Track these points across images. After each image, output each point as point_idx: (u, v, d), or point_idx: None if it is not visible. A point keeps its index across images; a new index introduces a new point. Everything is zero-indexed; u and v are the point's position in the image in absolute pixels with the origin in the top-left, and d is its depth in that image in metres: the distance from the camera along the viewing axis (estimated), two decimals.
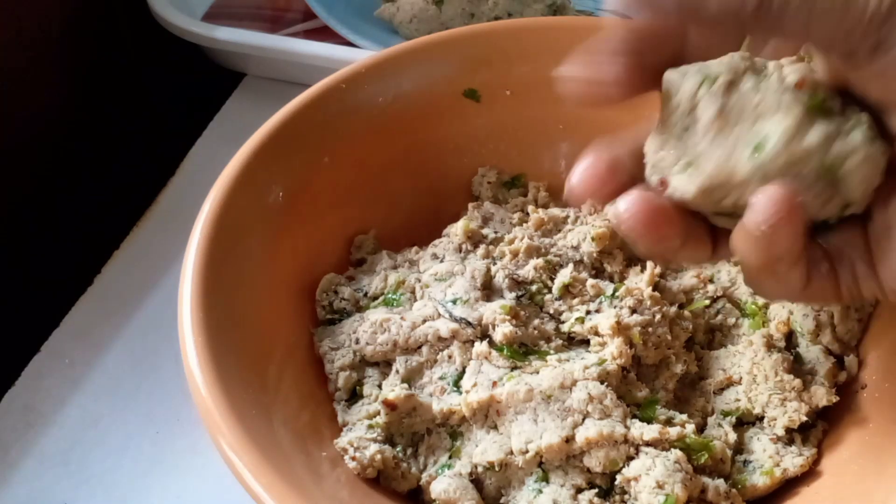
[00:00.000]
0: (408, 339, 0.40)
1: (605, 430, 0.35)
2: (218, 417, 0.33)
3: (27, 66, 0.58)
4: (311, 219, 0.44)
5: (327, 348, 0.41)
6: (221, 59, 0.66)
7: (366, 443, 0.37)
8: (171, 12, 0.63)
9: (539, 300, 0.41)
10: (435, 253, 0.44)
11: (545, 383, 0.37)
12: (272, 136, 0.43)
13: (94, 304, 0.52)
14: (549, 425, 0.36)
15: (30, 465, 0.45)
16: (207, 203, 0.40)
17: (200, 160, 0.60)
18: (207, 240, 0.39)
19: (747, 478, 0.37)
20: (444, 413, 0.38)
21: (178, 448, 0.46)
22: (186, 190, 0.58)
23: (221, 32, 0.62)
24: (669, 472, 0.35)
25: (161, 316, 0.51)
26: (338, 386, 0.40)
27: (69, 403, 0.48)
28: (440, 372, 0.39)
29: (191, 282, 0.37)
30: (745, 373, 0.39)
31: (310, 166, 0.44)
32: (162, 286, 0.53)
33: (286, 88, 0.49)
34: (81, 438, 0.46)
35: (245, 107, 0.64)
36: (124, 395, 0.48)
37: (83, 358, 0.50)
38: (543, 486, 0.36)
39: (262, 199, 0.42)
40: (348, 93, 0.46)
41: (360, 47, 0.62)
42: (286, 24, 0.68)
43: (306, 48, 0.61)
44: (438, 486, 0.36)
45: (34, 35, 0.58)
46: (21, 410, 0.48)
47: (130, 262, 0.54)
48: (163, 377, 0.48)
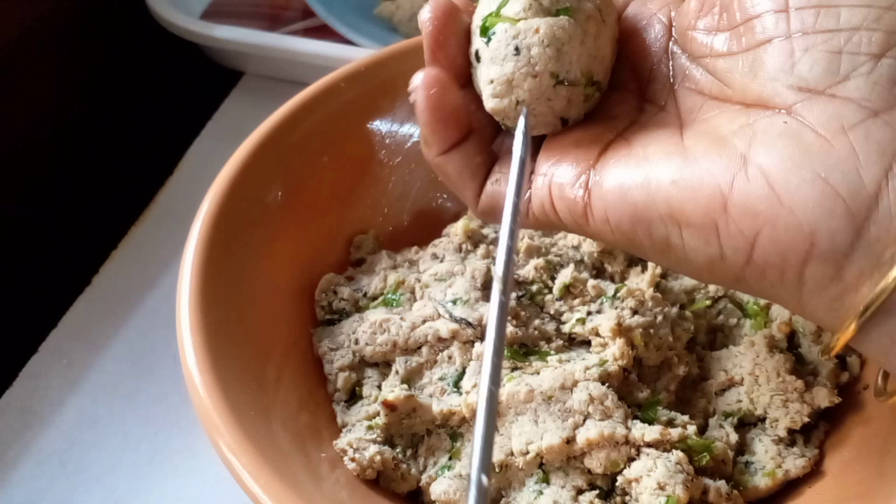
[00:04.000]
0: (407, 339, 0.40)
1: (606, 431, 0.35)
2: (216, 418, 0.33)
3: (25, 65, 0.58)
4: (310, 218, 0.44)
5: (326, 349, 0.41)
6: (220, 58, 0.65)
7: (365, 444, 0.37)
8: (170, 11, 0.63)
9: (539, 300, 0.41)
10: (435, 253, 0.44)
11: (546, 384, 0.36)
12: (271, 135, 0.43)
13: (93, 305, 0.52)
14: (549, 426, 0.36)
15: (28, 466, 0.45)
16: (206, 202, 0.40)
17: (199, 159, 0.60)
18: (206, 239, 0.38)
19: (749, 479, 0.37)
20: (444, 414, 0.38)
21: (177, 449, 0.45)
22: (185, 189, 0.58)
23: (220, 31, 0.61)
24: (671, 474, 0.34)
25: (159, 316, 0.51)
26: (337, 387, 0.40)
27: (67, 404, 0.48)
28: (440, 373, 0.39)
29: (189, 282, 0.37)
30: (747, 374, 0.39)
31: (309, 165, 0.44)
32: (160, 286, 0.53)
33: (285, 87, 0.49)
34: (79, 439, 0.46)
35: (244, 105, 0.64)
36: (122, 395, 0.48)
37: (81, 358, 0.50)
38: (544, 487, 0.36)
39: (260, 198, 0.42)
40: (348, 91, 0.46)
41: (359, 46, 0.61)
42: (285, 22, 0.68)
43: (305, 47, 0.60)
44: (438, 488, 0.36)
45: (32, 34, 0.58)
46: (19, 411, 0.47)
47: (128, 261, 0.54)
48: (161, 377, 0.48)
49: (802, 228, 0.25)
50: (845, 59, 0.25)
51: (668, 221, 0.27)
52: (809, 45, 0.26)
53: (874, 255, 0.24)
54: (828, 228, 0.25)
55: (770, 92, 0.27)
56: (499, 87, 0.31)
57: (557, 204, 0.30)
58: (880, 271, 0.24)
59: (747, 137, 0.26)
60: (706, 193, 0.26)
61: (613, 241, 0.30)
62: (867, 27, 0.25)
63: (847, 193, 0.24)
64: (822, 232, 0.25)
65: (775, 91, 0.26)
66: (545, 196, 0.30)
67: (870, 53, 0.25)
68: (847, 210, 0.24)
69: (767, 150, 0.26)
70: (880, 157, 0.24)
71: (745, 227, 0.26)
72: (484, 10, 0.32)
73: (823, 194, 0.24)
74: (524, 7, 0.31)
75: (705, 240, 0.27)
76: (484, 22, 0.31)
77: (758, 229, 0.25)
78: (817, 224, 0.25)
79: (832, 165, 0.25)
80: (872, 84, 0.25)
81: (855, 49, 0.25)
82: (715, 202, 0.26)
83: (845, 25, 0.26)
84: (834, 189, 0.24)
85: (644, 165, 0.28)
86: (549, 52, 0.30)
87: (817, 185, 0.25)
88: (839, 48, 0.25)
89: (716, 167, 0.26)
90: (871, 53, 0.25)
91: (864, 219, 0.24)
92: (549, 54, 0.30)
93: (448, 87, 0.32)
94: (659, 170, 0.28)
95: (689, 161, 0.27)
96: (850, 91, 0.25)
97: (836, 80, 0.25)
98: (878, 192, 0.24)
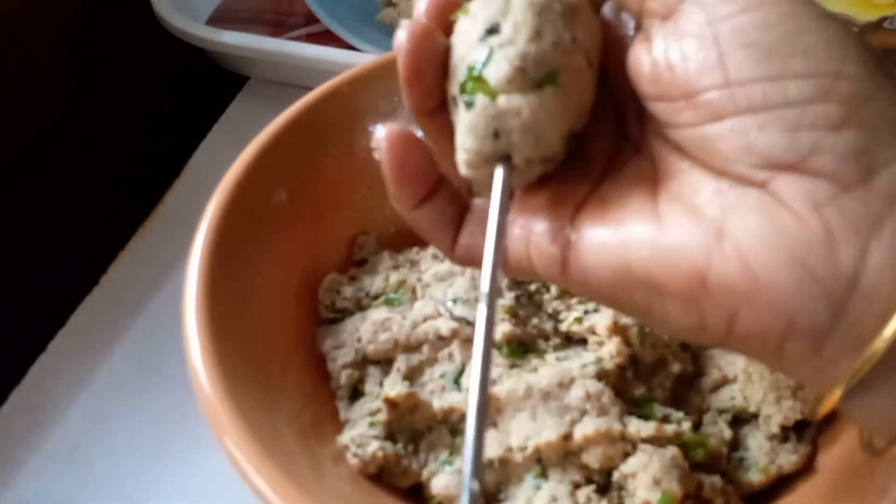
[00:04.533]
0: (409, 337, 0.40)
1: (603, 427, 0.36)
2: (222, 415, 0.34)
3: (31, 70, 0.59)
4: (313, 220, 0.45)
5: (329, 347, 0.41)
6: (225, 63, 0.66)
7: (367, 440, 0.38)
8: (176, 16, 0.63)
9: (538, 300, 0.42)
10: (435, 253, 0.45)
11: (544, 381, 0.37)
12: (275, 139, 0.43)
13: (100, 304, 0.53)
14: (547, 423, 0.36)
15: (36, 464, 0.46)
16: (212, 204, 0.40)
17: (205, 162, 0.60)
18: (212, 241, 0.39)
19: (743, 474, 0.37)
20: (445, 411, 0.38)
21: (183, 445, 0.46)
22: (191, 192, 0.58)
23: (225, 36, 0.62)
24: (666, 469, 0.35)
25: (166, 315, 0.51)
26: (340, 384, 0.41)
27: (75, 402, 0.48)
28: (441, 370, 0.40)
29: (195, 282, 0.38)
30: (741, 371, 0.40)
31: (312, 168, 0.45)
32: (167, 286, 0.53)
33: (289, 91, 0.49)
34: (87, 437, 0.47)
35: (249, 110, 0.64)
36: (130, 393, 0.48)
37: (89, 357, 0.50)
38: (542, 482, 0.36)
39: (265, 200, 0.43)
40: (350, 96, 0.46)
41: (362, 51, 0.62)
42: (289, 28, 0.68)
43: (309, 52, 0.61)
44: (439, 483, 0.37)
45: (38, 39, 0.59)
46: (27, 409, 0.48)
47: (136, 262, 0.55)
48: (168, 376, 0.49)
49: (781, 310, 0.24)
50: (805, 135, 0.24)
51: (649, 290, 0.27)
52: (763, 123, 0.25)
53: (853, 334, 0.24)
54: (806, 311, 0.24)
55: (734, 171, 0.25)
56: (474, 159, 0.29)
57: (535, 260, 0.29)
58: (860, 347, 0.24)
59: (721, 207, 0.25)
60: (684, 269, 0.25)
61: (594, 298, 0.29)
62: (820, 100, 0.24)
63: (825, 275, 0.24)
64: (800, 314, 0.24)
65: (739, 171, 0.25)
66: (521, 251, 0.29)
67: (829, 126, 0.24)
68: (826, 292, 0.24)
69: (743, 225, 0.25)
70: (856, 235, 0.24)
71: (724, 303, 0.25)
72: (462, 47, 0.29)
73: (801, 277, 0.24)
74: (507, 77, 0.27)
75: (686, 310, 0.26)
76: (464, 83, 0.28)
77: (737, 307, 0.25)
78: (796, 306, 0.24)
79: (809, 247, 0.24)
80: (839, 158, 0.24)
81: (813, 124, 0.24)
82: (693, 278, 0.25)
83: (797, 99, 0.24)
84: (812, 272, 0.24)
85: (620, 231, 0.27)
86: (530, 140, 0.28)
87: (794, 269, 0.24)
88: (796, 124, 0.24)
89: (692, 241, 0.25)
90: (831, 126, 0.24)
91: (844, 300, 0.24)
92: (529, 142, 0.28)
93: (413, 145, 0.30)
94: (635, 240, 0.27)
95: (664, 232, 0.26)
96: (818, 165, 0.24)
97: (800, 156, 0.24)
98: (856, 272, 0.24)
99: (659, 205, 0.27)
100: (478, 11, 0.29)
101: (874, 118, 0.24)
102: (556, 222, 0.29)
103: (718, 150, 0.26)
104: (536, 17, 0.28)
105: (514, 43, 0.28)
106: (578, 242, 0.28)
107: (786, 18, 0.25)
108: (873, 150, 0.24)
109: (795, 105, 0.24)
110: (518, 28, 0.28)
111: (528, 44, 0.28)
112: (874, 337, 0.24)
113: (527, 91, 0.28)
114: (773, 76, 0.25)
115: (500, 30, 0.28)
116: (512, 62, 0.27)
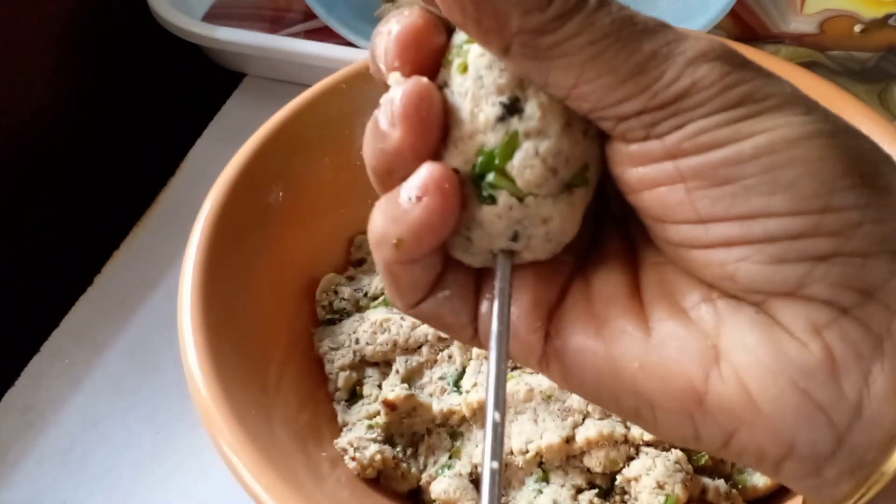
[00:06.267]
0: (408, 339, 0.40)
1: (606, 430, 0.35)
2: (218, 418, 0.33)
3: (27, 66, 0.58)
4: (311, 219, 0.44)
5: (327, 348, 0.41)
6: (222, 60, 0.66)
7: (366, 443, 0.38)
8: (172, 13, 0.63)
9: None
10: None
11: (545, 383, 0.37)
12: (272, 136, 0.43)
13: (94, 304, 0.52)
14: (549, 425, 0.36)
15: (30, 465, 0.45)
16: (208, 203, 0.40)
17: (201, 160, 0.60)
18: (207, 240, 0.39)
19: (748, 478, 0.37)
20: (444, 413, 0.38)
21: (179, 448, 0.46)
22: (187, 190, 0.58)
23: (222, 33, 0.62)
24: (670, 473, 0.35)
25: (161, 316, 0.51)
26: (338, 386, 0.40)
27: (69, 403, 0.48)
28: (440, 372, 0.39)
29: (191, 282, 0.37)
30: None
31: (310, 166, 0.45)
32: (162, 286, 0.53)
33: (286, 88, 0.49)
34: (81, 438, 0.46)
35: (245, 107, 0.64)
36: (124, 395, 0.48)
37: (83, 358, 0.50)
38: (543, 486, 0.36)
39: (262, 199, 0.42)
40: (348, 93, 0.46)
41: (359, 47, 0.62)
42: (286, 24, 0.68)
43: (306, 48, 0.61)
44: (438, 487, 0.36)
45: (34, 35, 0.58)
46: (21, 410, 0.48)
47: (130, 261, 0.54)
48: (163, 377, 0.48)
49: (782, 436, 0.24)
50: (791, 268, 0.23)
51: (638, 399, 0.25)
52: (741, 256, 0.23)
53: (856, 459, 0.23)
54: (808, 438, 0.23)
55: (723, 289, 0.24)
56: (478, 250, 0.24)
57: (511, 344, 0.26)
58: (862, 472, 0.23)
59: (713, 321, 0.24)
60: (678, 386, 0.24)
61: (575, 393, 0.27)
62: (808, 235, 0.23)
63: (828, 404, 0.23)
64: (801, 441, 0.23)
65: (728, 291, 0.24)
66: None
67: (817, 258, 0.23)
68: (828, 421, 0.23)
69: (741, 346, 0.24)
70: (858, 361, 0.23)
71: (722, 422, 0.24)
72: (465, 111, 0.23)
73: (803, 406, 0.23)
74: (538, 181, 0.23)
75: (679, 423, 0.25)
76: (481, 166, 0.23)
77: (735, 427, 0.24)
78: (797, 434, 0.23)
79: (811, 375, 0.23)
80: (832, 286, 0.23)
81: (799, 258, 0.23)
82: (688, 395, 0.24)
83: (779, 235, 0.23)
84: (815, 401, 0.23)
85: (604, 332, 0.25)
86: (549, 246, 0.24)
87: (796, 397, 0.23)
88: (780, 258, 0.23)
89: (686, 358, 0.24)
90: (819, 257, 0.23)
91: (847, 428, 0.23)
92: (548, 248, 0.24)
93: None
94: (623, 347, 0.25)
95: (654, 343, 0.25)
96: (810, 293, 0.23)
97: (789, 288, 0.23)
98: (860, 400, 0.23)
99: (644, 296, 0.25)
100: (482, 72, 0.23)
101: (864, 243, 0.23)
102: (536, 310, 0.26)
103: (700, 273, 0.24)
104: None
105: (545, 135, 0.23)
106: (558, 339, 0.25)
107: (762, 152, 0.23)
108: (866, 274, 0.23)
109: (778, 240, 0.23)
110: (546, 114, 0.23)
111: (560, 138, 0.23)
112: (877, 463, 0.23)
113: (557, 194, 0.23)
114: (751, 214, 0.23)
115: (522, 109, 0.23)
116: (545, 162, 0.23)
